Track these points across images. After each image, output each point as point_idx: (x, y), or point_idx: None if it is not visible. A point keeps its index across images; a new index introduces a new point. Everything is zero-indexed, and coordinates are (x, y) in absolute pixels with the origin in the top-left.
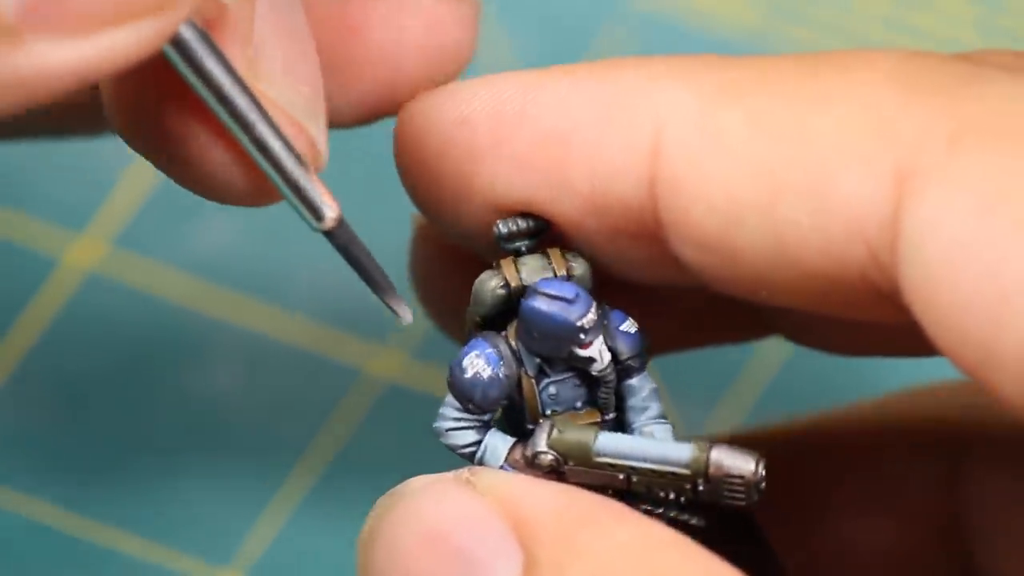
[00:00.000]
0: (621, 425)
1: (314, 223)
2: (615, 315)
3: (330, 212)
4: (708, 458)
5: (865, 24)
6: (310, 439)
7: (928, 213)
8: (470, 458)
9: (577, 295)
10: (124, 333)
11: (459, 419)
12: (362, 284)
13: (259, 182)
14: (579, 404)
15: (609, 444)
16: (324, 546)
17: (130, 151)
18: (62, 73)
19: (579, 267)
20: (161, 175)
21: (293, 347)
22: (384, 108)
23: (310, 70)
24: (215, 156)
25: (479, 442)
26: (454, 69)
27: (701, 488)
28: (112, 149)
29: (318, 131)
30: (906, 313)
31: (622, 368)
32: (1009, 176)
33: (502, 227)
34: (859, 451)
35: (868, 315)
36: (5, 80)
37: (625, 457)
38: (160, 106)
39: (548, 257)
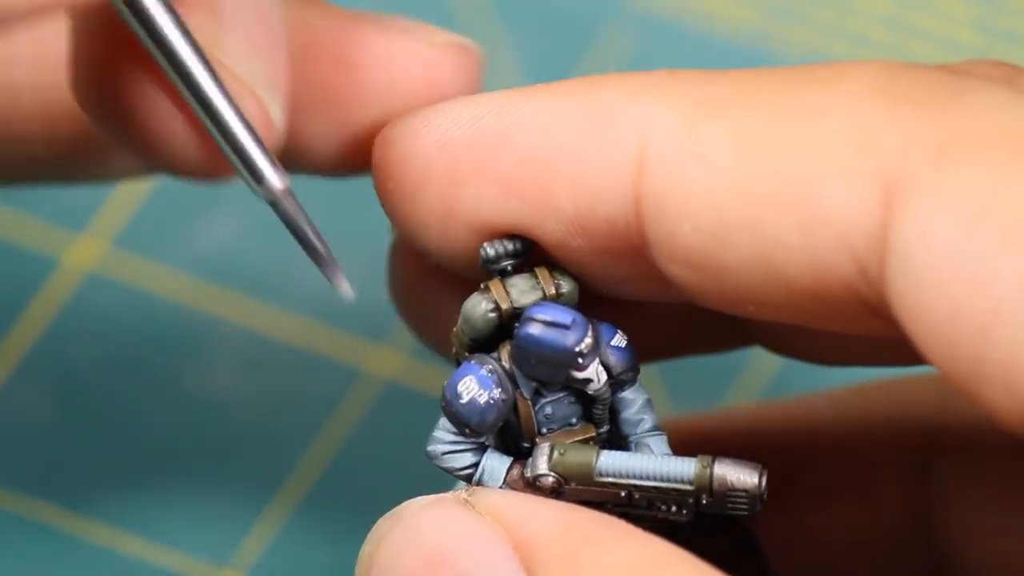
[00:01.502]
0: (615, 437)
1: (259, 191)
2: (605, 329)
3: (275, 182)
4: (712, 474)
5: (865, 24)
6: (310, 439)
7: (917, 225)
8: (467, 479)
9: (574, 320)
10: (124, 333)
11: (455, 442)
12: (356, 279)
13: (213, 153)
14: (574, 420)
15: (611, 464)
16: (324, 546)
17: None
18: None
19: (567, 284)
20: (161, 175)
21: (293, 347)
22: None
23: (273, 48)
24: (170, 125)
25: (477, 464)
26: None
27: (704, 502)
28: None
29: (273, 103)
30: (895, 326)
31: (615, 382)
32: (996, 187)
33: (488, 250)
34: (829, 439)
35: (857, 328)
36: None
37: (628, 476)
38: (118, 75)
39: (536, 276)
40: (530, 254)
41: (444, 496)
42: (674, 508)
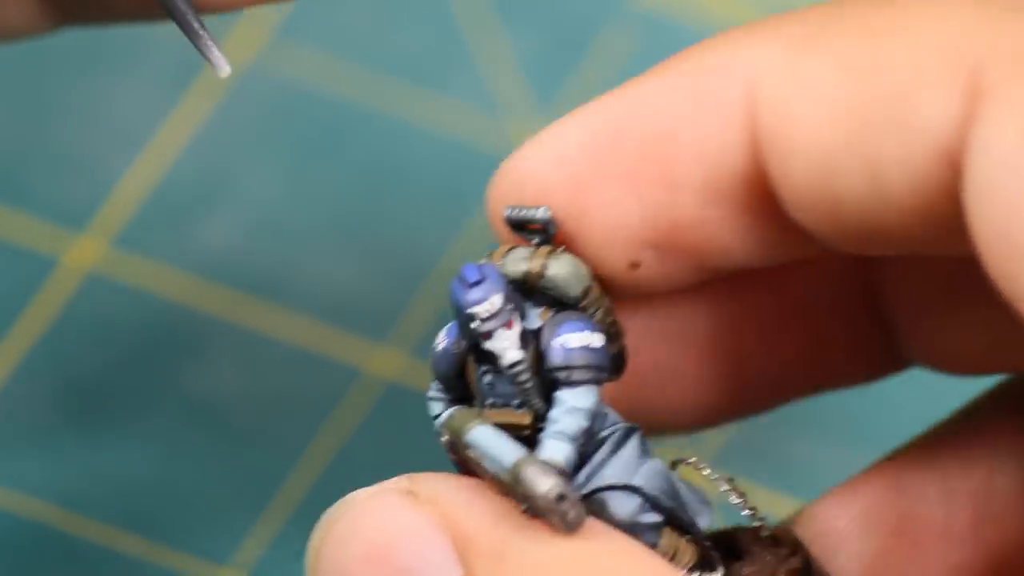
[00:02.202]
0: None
1: None
2: (568, 324)
3: None
4: (519, 470)
5: None
6: (310, 439)
7: (985, 138)
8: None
9: (479, 281)
10: (124, 333)
11: (435, 389)
12: (356, 278)
13: None
14: (516, 403)
15: (475, 437)
16: None
17: (131, 151)
18: None
19: (556, 267)
20: (162, 174)
21: (293, 347)
22: None
23: None
24: None
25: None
26: None
27: (524, 506)
28: (112, 149)
29: None
30: None
31: (553, 378)
32: None
33: (508, 211)
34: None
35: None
36: None
37: (482, 455)
38: None
39: (534, 251)
40: (548, 232)
41: (387, 485)
42: (524, 507)
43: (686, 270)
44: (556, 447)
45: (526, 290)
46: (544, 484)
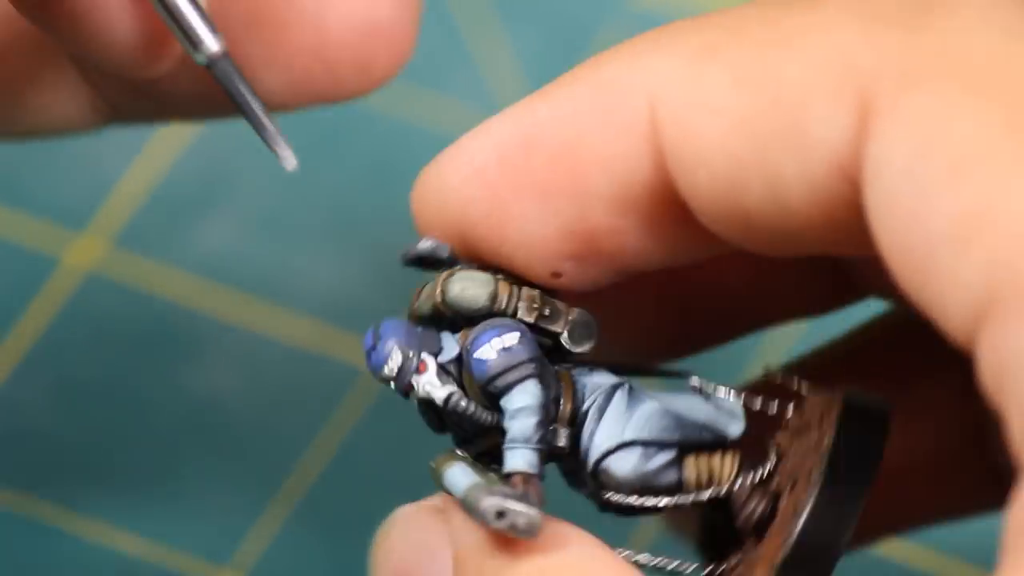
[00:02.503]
0: None
1: (195, 55)
2: (477, 340)
3: (211, 44)
4: (466, 500)
5: None
6: (310, 439)
7: (879, 151)
8: None
9: (374, 347)
10: (124, 333)
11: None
12: (356, 278)
13: (148, 32)
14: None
15: (447, 480)
16: (324, 546)
17: (131, 151)
18: None
19: (451, 290)
20: (162, 174)
21: (293, 347)
22: (317, 85)
23: None
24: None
25: None
26: (389, 50)
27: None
28: (113, 149)
29: None
30: None
31: (489, 392)
32: (946, 120)
33: (400, 256)
34: (878, 367)
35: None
36: None
37: (452, 491)
38: None
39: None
40: (441, 258)
41: (424, 504)
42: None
43: (607, 274)
44: (513, 456)
45: (447, 321)
46: (482, 505)
